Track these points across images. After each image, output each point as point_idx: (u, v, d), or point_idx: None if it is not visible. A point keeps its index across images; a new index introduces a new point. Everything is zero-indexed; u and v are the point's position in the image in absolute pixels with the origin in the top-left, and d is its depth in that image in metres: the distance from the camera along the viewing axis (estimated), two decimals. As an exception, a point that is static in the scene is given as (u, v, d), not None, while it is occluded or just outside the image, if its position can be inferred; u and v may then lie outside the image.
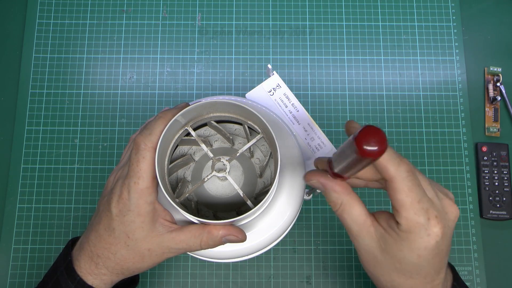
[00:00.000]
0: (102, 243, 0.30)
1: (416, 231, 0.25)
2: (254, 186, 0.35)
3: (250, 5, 0.54)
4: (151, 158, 0.29)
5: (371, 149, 0.21)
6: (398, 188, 0.25)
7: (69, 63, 0.52)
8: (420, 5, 0.55)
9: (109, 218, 0.30)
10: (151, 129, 0.30)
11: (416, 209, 0.25)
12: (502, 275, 0.48)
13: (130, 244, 0.30)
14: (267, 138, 0.32)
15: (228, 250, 0.33)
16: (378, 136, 0.21)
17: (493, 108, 0.52)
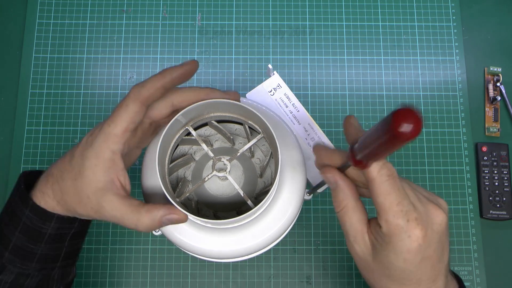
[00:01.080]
0: (60, 165, 0.30)
1: (397, 234, 0.25)
2: (254, 186, 0.35)
3: (250, 5, 0.54)
4: (132, 109, 0.29)
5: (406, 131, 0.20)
6: (378, 191, 0.26)
7: (69, 63, 0.52)
8: (420, 5, 0.55)
9: (76, 146, 0.30)
10: (145, 82, 0.30)
11: (395, 211, 0.25)
12: (502, 275, 0.48)
13: (77, 179, 0.29)
14: (268, 138, 0.32)
15: (228, 250, 0.33)
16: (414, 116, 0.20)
17: (493, 108, 0.52)
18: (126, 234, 0.48)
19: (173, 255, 0.47)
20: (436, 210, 0.27)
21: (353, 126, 0.28)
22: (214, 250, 0.33)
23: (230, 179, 0.32)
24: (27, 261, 0.31)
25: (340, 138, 0.50)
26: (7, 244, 0.31)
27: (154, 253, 0.47)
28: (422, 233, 0.25)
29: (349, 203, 0.28)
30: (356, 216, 0.28)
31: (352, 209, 0.28)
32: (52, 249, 0.32)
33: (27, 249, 0.31)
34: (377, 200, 0.26)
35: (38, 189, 0.31)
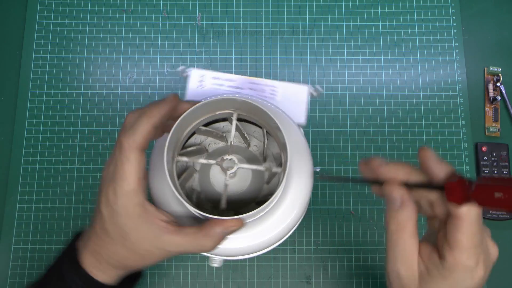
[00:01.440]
0: (101, 242, 0.30)
1: (461, 273, 0.25)
2: (262, 174, 0.35)
3: (250, 5, 0.54)
4: (135, 160, 0.28)
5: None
6: (463, 229, 0.25)
7: (69, 63, 0.52)
8: (420, 5, 0.55)
9: (102, 219, 0.29)
10: (134, 128, 0.28)
11: (470, 253, 0.25)
12: (502, 275, 0.48)
13: (127, 245, 0.29)
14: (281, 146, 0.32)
15: (235, 248, 0.33)
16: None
17: (493, 108, 0.52)
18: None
19: (173, 255, 0.47)
20: (493, 247, 0.27)
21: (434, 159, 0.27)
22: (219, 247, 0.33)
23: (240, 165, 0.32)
24: None
25: (340, 138, 0.50)
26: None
27: (154, 253, 0.47)
28: (484, 273, 0.26)
29: (410, 226, 0.26)
30: (412, 240, 0.26)
31: (410, 233, 0.26)
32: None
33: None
34: (458, 236, 0.25)
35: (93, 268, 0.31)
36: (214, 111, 0.33)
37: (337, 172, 0.50)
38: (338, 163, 0.50)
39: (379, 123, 0.51)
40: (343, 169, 0.50)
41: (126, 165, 0.28)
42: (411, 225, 0.26)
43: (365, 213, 0.48)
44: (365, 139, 0.51)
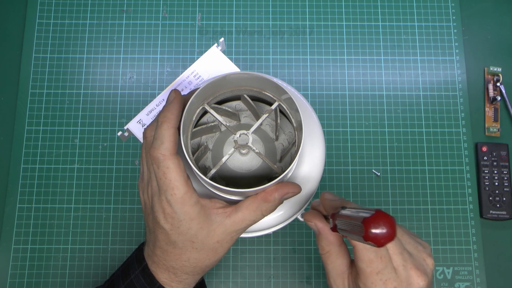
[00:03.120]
0: (171, 256, 0.30)
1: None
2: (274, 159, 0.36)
3: (250, 5, 0.54)
4: (175, 165, 0.28)
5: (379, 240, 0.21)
6: (360, 257, 0.26)
7: (69, 63, 0.52)
8: (420, 5, 0.55)
9: (165, 234, 0.30)
10: (161, 139, 0.29)
11: (374, 279, 0.26)
12: (502, 275, 0.48)
13: (198, 247, 0.30)
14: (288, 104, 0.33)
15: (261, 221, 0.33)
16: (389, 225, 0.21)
17: (493, 108, 0.52)
18: (126, 234, 0.48)
19: (173, 255, 0.47)
20: (418, 277, 0.27)
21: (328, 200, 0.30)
22: None
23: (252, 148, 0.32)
24: None
25: (340, 139, 0.50)
26: None
27: (154, 253, 0.47)
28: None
29: (332, 248, 0.29)
30: (339, 260, 0.29)
31: (335, 254, 0.29)
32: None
33: None
34: (358, 264, 0.27)
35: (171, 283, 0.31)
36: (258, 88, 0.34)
37: (337, 172, 0.50)
38: (338, 163, 0.50)
39: (379, 123, 0.51)
40: (343, 169, 0.50)
41: (169, 173, 0.28)
42: (334, 248, 0.29)
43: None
44: (365, 139, 0.51)
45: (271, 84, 0.32)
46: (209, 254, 0.30)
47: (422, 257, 0.28)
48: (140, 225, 0.48)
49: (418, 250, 0.29)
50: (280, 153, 0.36)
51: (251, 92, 0.34)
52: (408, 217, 0.49)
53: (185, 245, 0.30)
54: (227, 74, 0.31)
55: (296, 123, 0.33)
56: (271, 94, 0.34)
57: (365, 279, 0.26)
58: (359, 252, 0.26)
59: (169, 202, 0.29)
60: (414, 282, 0.27)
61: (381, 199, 0.49)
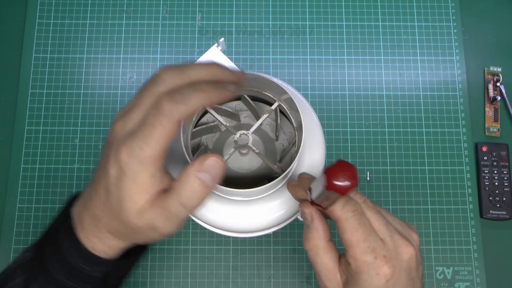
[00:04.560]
0: (102, 205, 0.26)
1: (365, 271, 0.26)
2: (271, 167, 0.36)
3: (250, 5, 0.54)
4: (170, 130, 0.24)
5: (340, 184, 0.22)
6: (344, 228, 0.26)
7: (69, 63, 0.52)
8: (420, 5, 0.55)
9: (106, 179, 0.25)
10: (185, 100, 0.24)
11: (362, 248, 0.26)
12: (502, 275, 0.48)
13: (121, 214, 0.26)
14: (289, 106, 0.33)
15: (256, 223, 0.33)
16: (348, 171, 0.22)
17: (493, 108, 0.52)
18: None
19: (173, 255, 0.47)
20: (406, 247, 0.27)
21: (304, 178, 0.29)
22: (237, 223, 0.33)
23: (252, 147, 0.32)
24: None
25: (340, 139, 0.50)
26: (50, 280, 0.30)
27: (154, 253, 0.47)
28: (391, 270, 0.26)
29: (320, 242, 0.28)
30: (327, 256, 0.28)
31: (323, 249, 0.28)
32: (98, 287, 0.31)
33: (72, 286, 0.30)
34: (344, 236, 0.26)
35: (92, 235, 0.28)
36: (258, 88, 0.34)
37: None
38: (338, 163, 0.50)
39: (379, 123, 0.51)
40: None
41: (159, 130, 0.24)
42: (322, 242, 0.28)
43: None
44: (365, 139, 0.51)
45: (271, 84, 0.32)
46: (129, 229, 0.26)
47: (408, 232, 0.28)
48: (140, 225, 0.48)
49: (403, 227, 0.29)
50: (280, 153, 0.36)
51: (251, 92, 0.34)
52: (408, 217, 0.49)
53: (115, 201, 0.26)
54: None
55: (296, 123, 0.33)
56: (271, 94, 0.34)
57: (353, 251, 0.26)
58: (341, 223, 0.26)
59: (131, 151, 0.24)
60: (403, 252, 0.27)
61: (381, 199, 0.49)
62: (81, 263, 0.29)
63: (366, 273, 0.26)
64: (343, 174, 0.22)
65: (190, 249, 0.47)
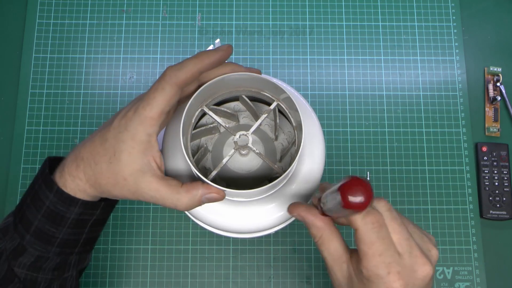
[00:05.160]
0: (91, 148, 0.30)
1: (375, 282, 0.26)
2: (271, 168, 0.35)
3: (250, 5, 0.54)
4: (169, 92, 0.28)
5: (356, 202, 0.21)
6: (361, 239, 0.26)
7: (69, 63, 0.52)
8: (420, 5, 0.55)
9: (107, 128, 0.29)
10: (182, 65, 0.29)
11: (377, 262, 0.25)
12: (502, 275, 0.48)
13: (113, 162, 0.29)
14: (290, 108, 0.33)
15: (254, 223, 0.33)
16: (364, 189, 0.21)
17: (493, 108, 0.52)
18: (126, 234, 0.48)
19: (173, 255, 0.47)
20: (423, 265, 0.26)
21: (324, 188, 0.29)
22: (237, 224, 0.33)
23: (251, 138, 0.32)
24: (47, 245, 0.31)
25: (340, 139, 0.50)
26: (29, 227, 0.31)
27: (154, 253, 0.47)
28: (402, 287, 0.25)
29: (323, 234, 0.28)
30: (333, 245, 0.28)
31: (327, 239, 0.28)
32: (73, 234, 0.32)
33: (49, 232, 0.31)
34: (360, 246, 0.26)
35: (67, 172, 0.31)
36: (256, 88, 0.34)
37: (337, 172, 0.50)
38: (338, 163, 0.50)
39: (379, 123, 0.51)
40: (343, 169, 0.50)
41: (158, 93, 0.28)
42: (325, 233, 0.28)
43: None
44: (365, 139, 0.51)
45: (270, 84, 0.32)
46: (111, 178, 0.29)
47: (428, 247, 0.28)
48: (140, 225, 0.48)
49: (424, 240, 0.28)
50: (280, 153, 0.36)
51: (250, 92, 0.34)
52: (408, 217, 0.48)
53: (108, 149, 0.29)
54: (226, 76, 0.31)
55: (296, 123, 0.33)
56: (269, 94, 0.34)
57: (367, 262, 0.26)
58: (359, 234, 0.26)
59: (136, 110, 0.29)
60: (419, 270, 0.26)
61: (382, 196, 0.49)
62: (55, 203, 0.30)
63: (376, 284, 0.26)
64: (359, 191, 0.22)
65: (190, 249, 0.47)
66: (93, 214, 0.32)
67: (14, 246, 0.31)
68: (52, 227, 0.31)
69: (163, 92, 0.28)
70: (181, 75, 0.29)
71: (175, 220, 0.48)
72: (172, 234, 0.47)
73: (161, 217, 0.48)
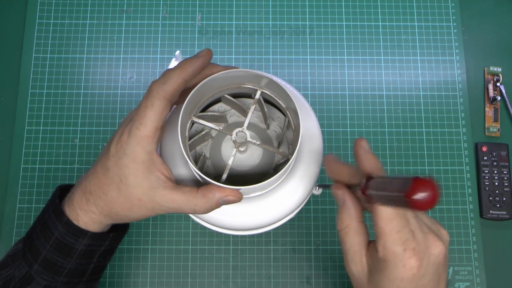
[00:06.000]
0: (96, 180, 0.30)
1: (392, 261, 0.26)
2: (272, 157, 0.36)
3: (250, 5, 0.54)
4: (159, 107, 0.28)
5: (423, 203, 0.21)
6: (380, 216, 0.26)
7: (69, 63, 0.52)
8: (420, 5, 0.55)
9: (106, 157, 0.30)
10: (166, 78, 0.29)
11: (394, 239, 0.26)
12: (502, 275, 0.48)
13: (122, 188, 0.29)
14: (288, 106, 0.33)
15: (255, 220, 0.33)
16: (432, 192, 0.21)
17: (493, 108, 0.52)
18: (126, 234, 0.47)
19: (173, 255, 0.47)
20: (435, 241, 0.27)
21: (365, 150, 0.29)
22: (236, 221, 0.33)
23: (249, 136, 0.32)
24: (55, 275, 0.31)
25: (340, 139, 0.50)
26: (37, 256, 0.31)
27: (154, 253, 0.47)
28: (418, 263, 0.26)
29: (352, 223, 0.28)
30: (357, 238, 0.28)
31: (354, 230, 0.28)
32: (81, 264, 0.32)
33: (57, 263, 0.31)
34: (378, 224, 0.26)
35: (78, 207, 0.31)
36: (237, 84, 0.34)
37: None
38: (338, 163, 0.50)
39: (379, 123, 0.51)
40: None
41: (149, 110, 0.28)
42: (354, 223, 0.28)
43: (365, 213, 0.48)
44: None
45: (249, 74, 0.32)
46: (125, 203, 0.29)
47: (437, 228, 0.28)
48: (140, 225, 0.48)
49: (433, 222, 0.29)
50: (276, 140, 0.36)
51: (231, 90, 0.34)
52: (408, 217, 0.49)
53: (113, 177, 0.29)
54: (208, 79, 0.31)
55: (285, 104, 0.33)
56: (251, 85, 0.34)
57: (384, 240, 0.26)
58: (378, 211, 0.26)
59: (130, 132, 0.28)
60: (432, 246, 0.27)
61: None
62: (64, 234, 0.31)
63: (393, 263, 0.26)
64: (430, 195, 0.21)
65: (190, 249, 0.47)
66: (102, 245, 0.33)
67: (22, 275, 0.31)
68: (60, 257, 0.31)
69: (153, 108, 0.28)
70: (167, 88, 0.29)
71: (175, 220, 0.48)
72: (172, 234, 0.47)
73: (161, 217, 0.48)
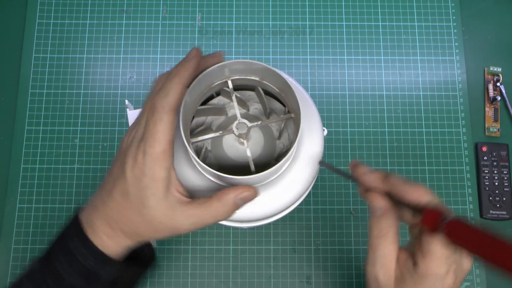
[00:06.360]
0: (119, 208, 0.29)
1: (432, 280, 0.26)
2: (273, 148, 0.36)
3: (250, 5, 0.54)
4: (168, 121, 0.28)
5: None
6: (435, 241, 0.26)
7: (69, 63, 0.52)
8: (420, 5, 0.55)
9: (123, 183, 0.28)
10: (167, 90, 0.28)
11: (442, 263, 0.26)
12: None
13: (144, 212, 0.28)
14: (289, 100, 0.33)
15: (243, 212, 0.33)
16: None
17: (493, 108, 0.52)
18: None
19: (173, 255, 0.47)
20: (466, 258, 0.27)
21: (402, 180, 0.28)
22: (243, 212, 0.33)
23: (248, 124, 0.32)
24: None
25: (340, 139, 0.50)
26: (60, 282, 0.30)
27: (154, 253, 0.47)
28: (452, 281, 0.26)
29: (390, 232, 0.28)
30: (392, 246, 0.28)
31: (391, 239, 0.28)
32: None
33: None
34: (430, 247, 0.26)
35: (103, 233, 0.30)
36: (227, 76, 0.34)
37: (337, 172, 0.50)
38: (338, 163, 0.50)
39: (379, 123, 0.51)
40: (343, 169, 0.50)
41: (160, 125, 0.27)
42: (392, 232, 0.28)
43: (365, 213, 0.48)
44: (365, 139, 0.51)
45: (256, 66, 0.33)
46: (149, 228, 0.29)
47: None
48: (140, 225, 0.48)
49: None
50: (277, 131, 0.36)
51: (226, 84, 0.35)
52: (408, 217, 0.49)
53: (135, 201, 0.28)
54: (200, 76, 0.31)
55: (281, 85, 0.34)
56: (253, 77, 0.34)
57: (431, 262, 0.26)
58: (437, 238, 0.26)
59: (145, 152, 0.27)
60: (465, 263, 0.27)
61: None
62: (91, 261, 0.30)
63: (432, 282, 0.26)
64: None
65: (190, 249, 0.47)
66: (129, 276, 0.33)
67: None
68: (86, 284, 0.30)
69: (162, 123, 0.27)
70: (171, 100, 0.28)
71: (175, 220, 0.48)
72: (172, 234, 0.47)
73: (161, 217, 0.48)
